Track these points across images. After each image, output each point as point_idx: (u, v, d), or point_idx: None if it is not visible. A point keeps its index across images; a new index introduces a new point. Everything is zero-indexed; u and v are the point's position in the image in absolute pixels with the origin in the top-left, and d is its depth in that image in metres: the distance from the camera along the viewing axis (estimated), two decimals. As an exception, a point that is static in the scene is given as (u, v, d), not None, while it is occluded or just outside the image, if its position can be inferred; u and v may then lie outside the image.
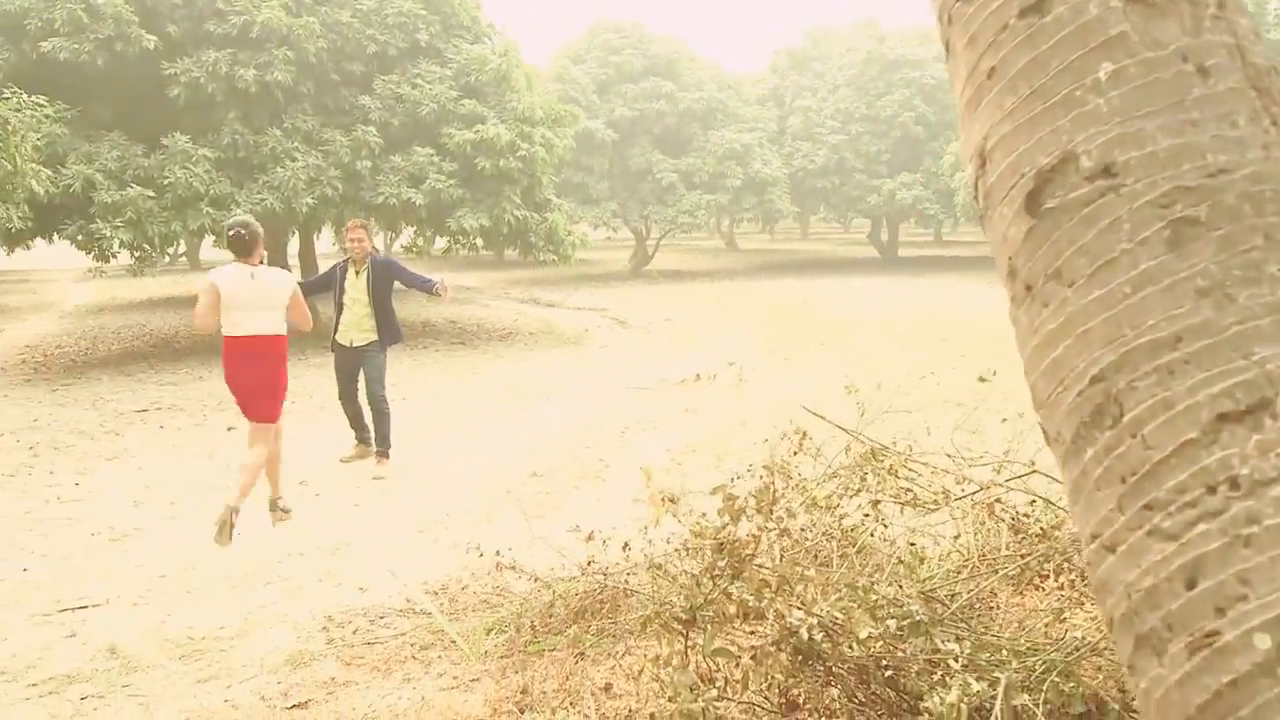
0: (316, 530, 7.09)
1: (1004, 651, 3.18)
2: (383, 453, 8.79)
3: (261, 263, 6.71)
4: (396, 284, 8.81)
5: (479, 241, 16.69)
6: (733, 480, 4.15)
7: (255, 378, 6.61)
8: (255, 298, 6.47)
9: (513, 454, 9.23)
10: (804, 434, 4.54)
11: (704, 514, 3.50)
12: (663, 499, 3.68)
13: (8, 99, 9.58)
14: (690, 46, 30.46)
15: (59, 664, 4.90)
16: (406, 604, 5.60)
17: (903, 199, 28.49)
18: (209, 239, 15.30)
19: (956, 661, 3.00)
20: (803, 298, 22.68)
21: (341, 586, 5.93)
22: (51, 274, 42.61)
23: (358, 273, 8.53)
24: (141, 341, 18.12)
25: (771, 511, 3.46)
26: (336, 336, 8.58)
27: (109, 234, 13.48)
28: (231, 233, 6.48)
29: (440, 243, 18.08)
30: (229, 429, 10.43)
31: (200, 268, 42.86)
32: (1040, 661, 3.05)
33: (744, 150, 27.51)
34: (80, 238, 13.81)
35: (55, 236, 14.24)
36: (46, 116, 10.74)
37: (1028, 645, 3.18)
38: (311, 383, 12.73)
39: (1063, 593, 3.63)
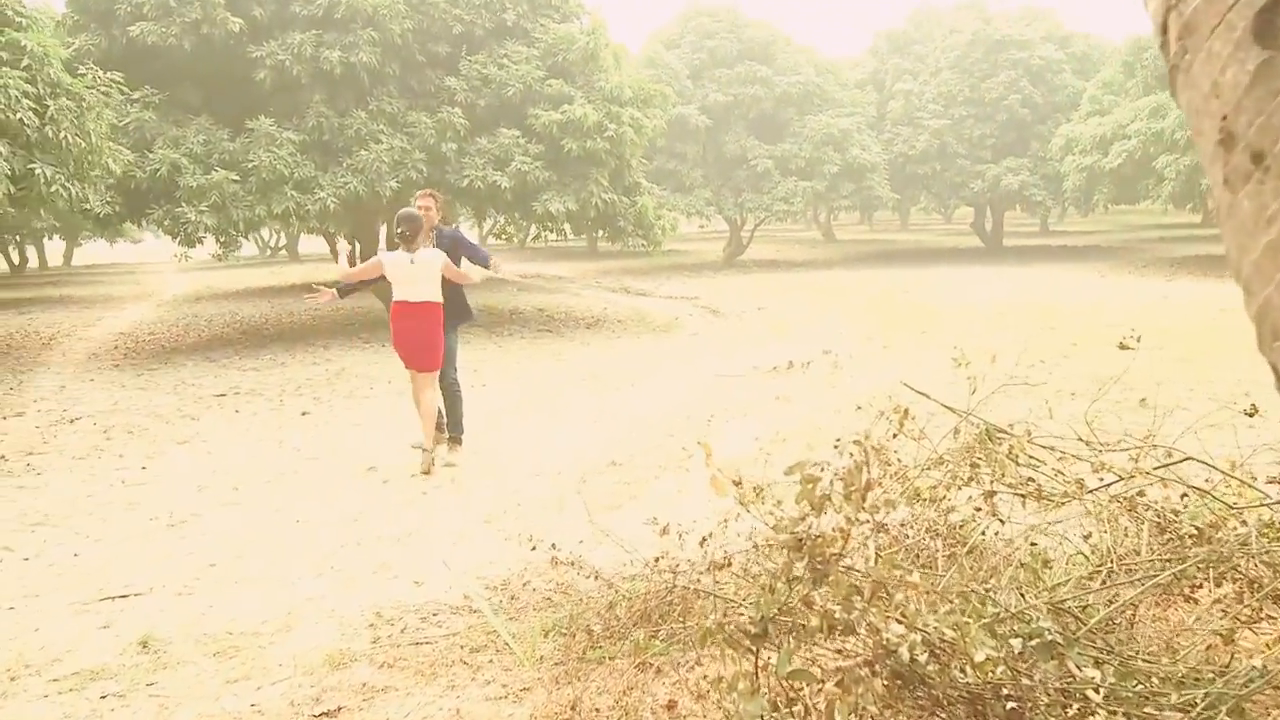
0: (379, 519, 6.68)
1: (1154, 680, 2.56)
2: (455, 438, 8.39)
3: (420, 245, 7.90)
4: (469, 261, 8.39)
5: (566, 227, 16.25)
6: (820, 467, 3.56)
7: (416, 335, 7.91)
8: (413, 275, 7.85)
9: (592, 441, 8.74)
10: (905, 412, 3.93)
11: (780, 501, 2.93)
12: (734, 482, 3.13)
13: (83, 75, 9.39)
14: (785, 31, 29.73)
15: (87, 657, 4.53)
16: (463, 600, 5.14)
17: (1008, 185, 27.33)
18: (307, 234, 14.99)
19: (1097, 692, 2.40)
20: (902, 286, 21.83)
21: (397, 579, 5.49)
22: (157, 266, 43.60)
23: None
24: (231, 329, 18.12)
25: (865, 501, 2.86)
26: None
27: (194, 218, 13.35)
28: (399, 230, 7.85)
29: (533, 230, 17.75)
30: (303, 414, 10.14)
31: (300, 260, 43.40)
32: (1203, 695, 2.42)
33: (841, 135, 26.69)
34: (166, 222, 13.72)
35: (144, 222, 14.15)
36: (123, 94, 10.55)
37: (1186, 673, 2.55)
38: (392, 368, 12.41)
39: (1226, 608, 2.97)
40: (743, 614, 2.58)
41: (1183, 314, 15.64)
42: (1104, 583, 3.25)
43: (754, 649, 2.49)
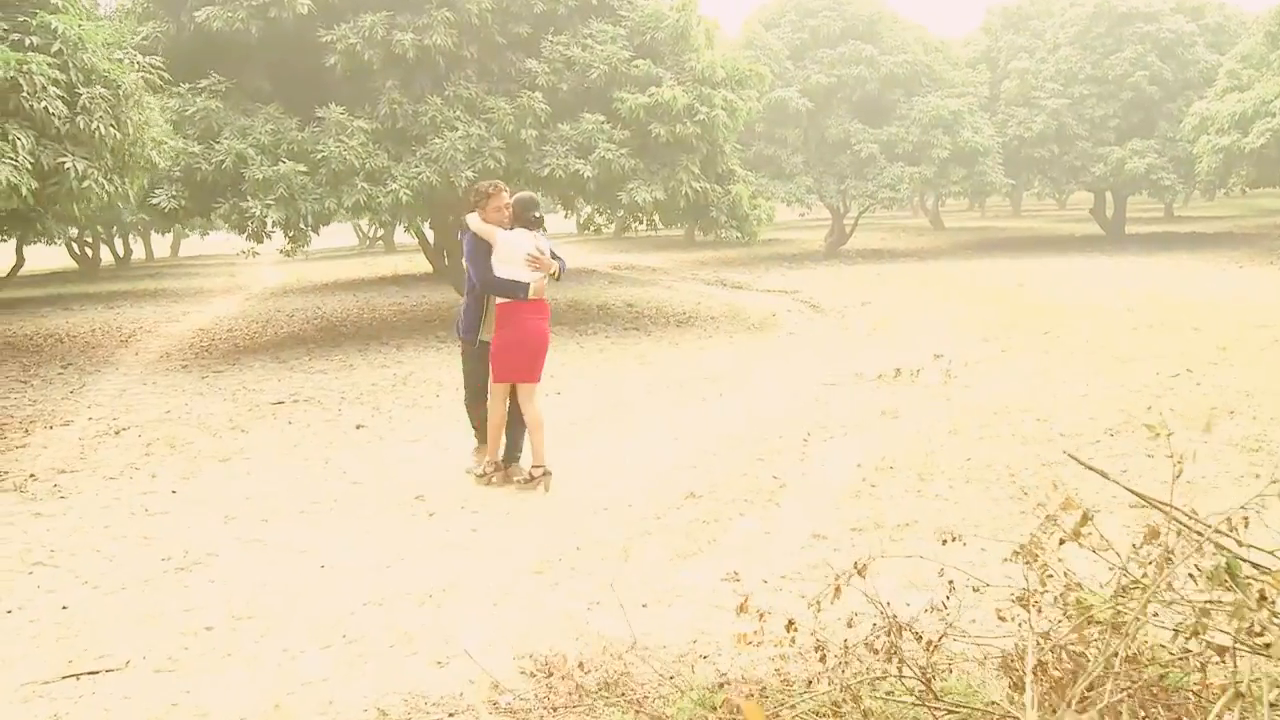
0: (415, 565, 5.74)
1: None
2: (513, 461, 7.44)
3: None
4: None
5: (655, 218, 15.19)
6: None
7: (543, 339, 7.28)
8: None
9: (671, 465, 7.69)
10: (1084, 517, 2.83)
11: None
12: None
13: (120, 61, 8.65)
14: (892, 8, 28.14)
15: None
16: (491, 691, 4.14)
17: (1133, 168, 25.40)
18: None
19: None
20: (1017, 279, 20.28)
21: (416, 656, 4.53)
22: (256, 258, 43.78)
23: None
24: (310, 325, 17.50)
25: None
26: (481, 332, 7.34)
27: (259, 212, 12.64)
28: (534, 214, 7.22)
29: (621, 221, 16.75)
30: (357, 426, 9.29)
31: (395, 250, 43.15)
32: None
33: (952, 118, 25.09)
34: (234, 216, 13.05)
35: (211, 216, 13.51)
36: (164, 81, 9.79)
37: None
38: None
39: None
40: None
41: (1343, 312, 13.96)
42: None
43: None
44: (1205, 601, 2.40)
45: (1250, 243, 26.11)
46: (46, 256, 37.57)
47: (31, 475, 7.97)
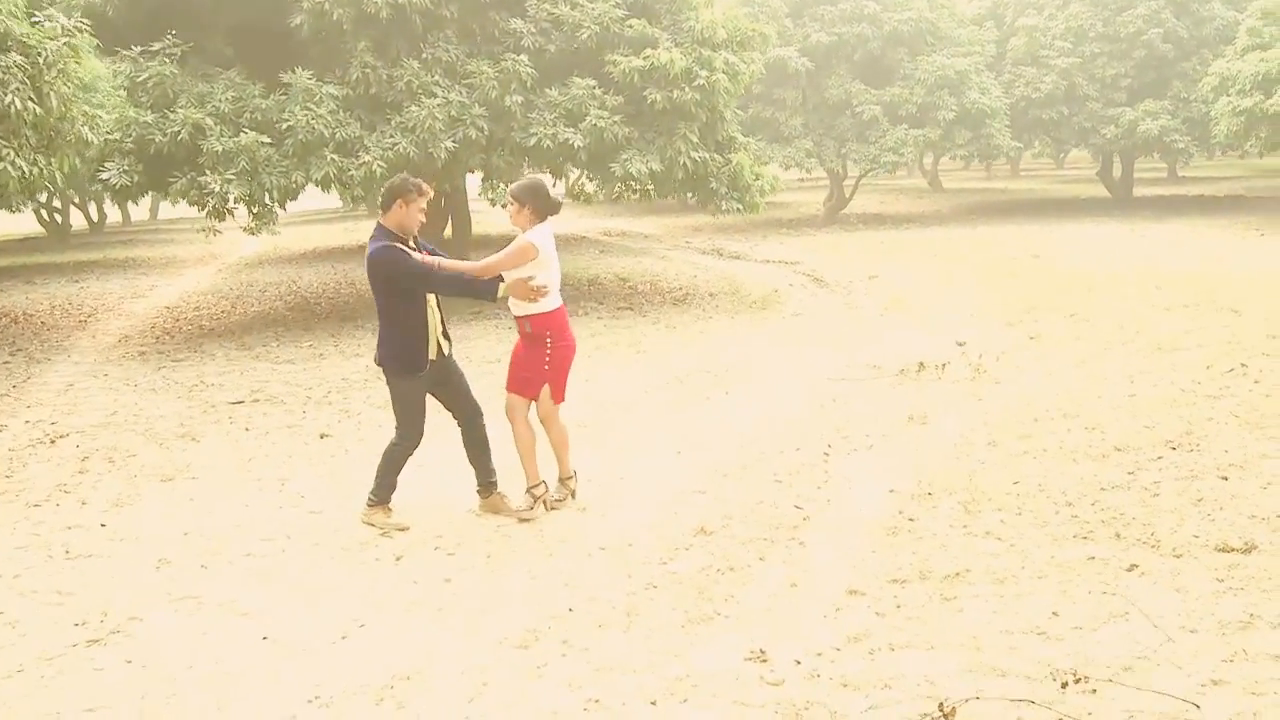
0: (376, 635, 4.78)
1: None
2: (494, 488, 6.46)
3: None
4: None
5: (650, 190, 14.13)
6: None
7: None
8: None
9: (676, 490, 6.72)
10: None
11: None
12: None
13: (38, 24, 7.54)
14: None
15: None
16: None
17: (1146, 131, 24.28)
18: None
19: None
20: (1030, 248, 19.25)
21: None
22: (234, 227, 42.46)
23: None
24: (283, 303, 16.46)
25: None
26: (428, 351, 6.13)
27: (219, 188, 11.56)
28: (557, 202, 6.06)
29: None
30: (321, 436, 8.30)
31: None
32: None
33: (958, 78, 23.91)
34: (191, 192, 11.96)
35: (168, 192, 12.40)
36: (106, 46, 8.70)
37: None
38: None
39: None
40: None
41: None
42: None
43: None
44: None
45: (1265, 208, 25.11)
46: (14, 222, 36.23)
47: (-56, 502, 6.98)
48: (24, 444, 8.43)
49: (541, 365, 6.07)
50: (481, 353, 11.25)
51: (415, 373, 6.04)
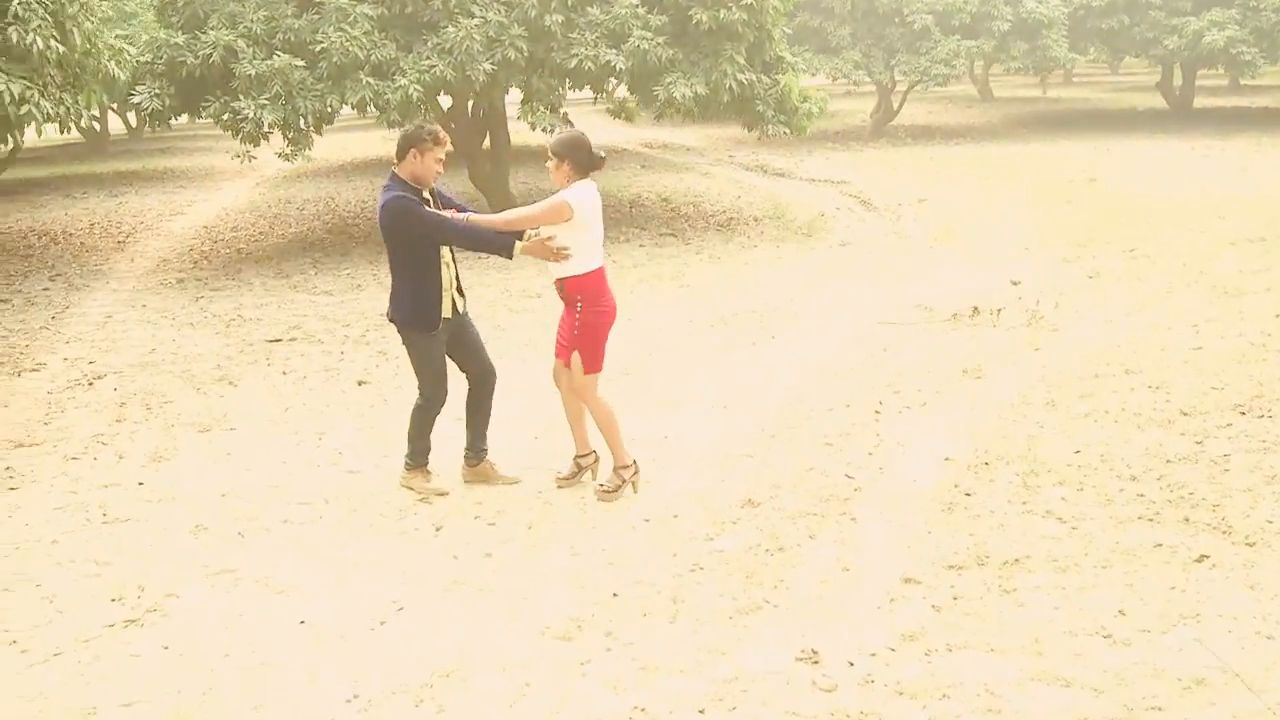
0: (415, 620, 4.66)
1: None
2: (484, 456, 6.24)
3: None
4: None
5: (694, 112, 13.66)
6: None
7: None
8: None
9: (722, 453, 6.52)
10: None
11: None
12: None
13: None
14: None
15: None
16: None
17: (1212, 41, 23.25)
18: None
19: None
20: (1085, 168, 18.61)
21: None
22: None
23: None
24: (320, 223, 16.25)
25: None
26: (443, 311, 5.84)
27: (252, 113, 11.29)
28: (600, 155, 5.70)
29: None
30: (359, 383, 8.15)
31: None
32: None
33: (1014, -16, 23.00)
34: (225, 116, 11.70)
35: (201, 115, 12.15)
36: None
37: None
38: (492, 295, 10.32)
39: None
40: None
41: None
42: None
43: None
44: None
45: (1334, 122, 24.14)
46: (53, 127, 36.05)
47: (-18, 452, 6.92)
48: (62, 386, 8.35)
49: (572, 329, 5.80)
50: (521, 285, 11.03)
51: (428, 330, 5.80)
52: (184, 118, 12.79)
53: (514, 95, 14.51)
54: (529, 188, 18.70)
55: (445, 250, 5.80)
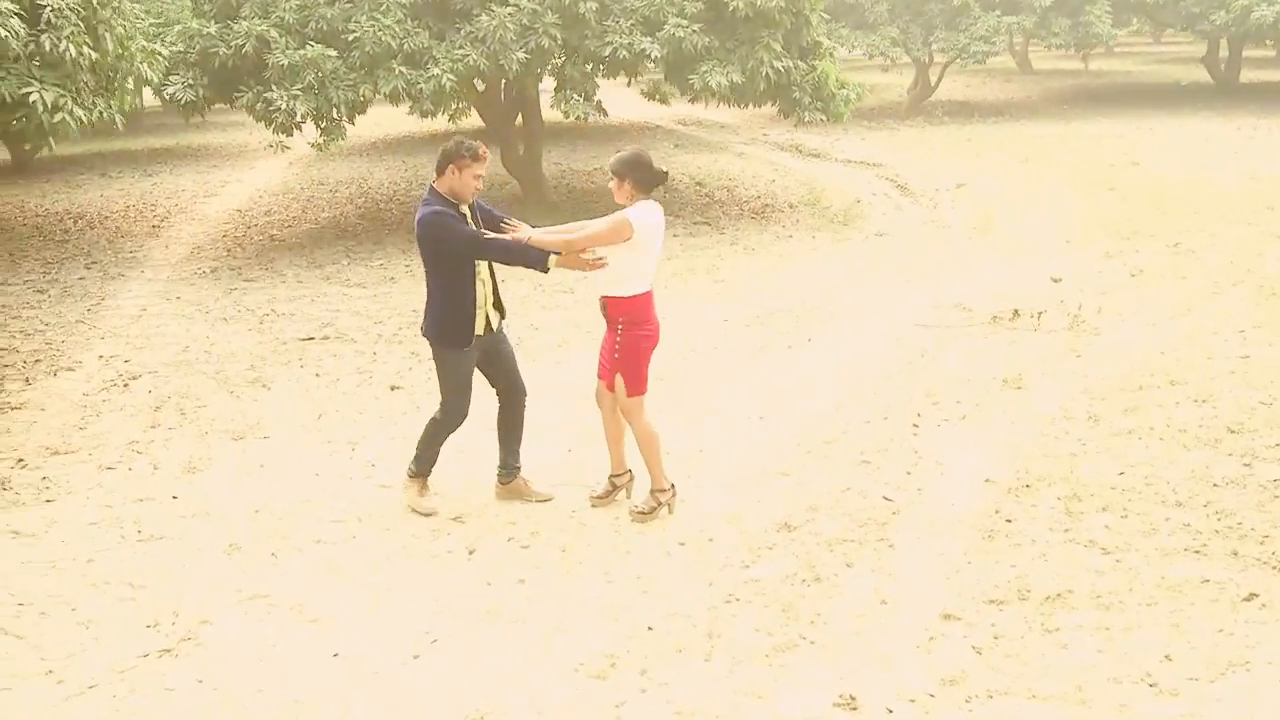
0: (448, 654, 4.63)
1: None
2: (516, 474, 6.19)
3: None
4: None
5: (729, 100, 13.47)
6: None
7: None
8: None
9: (757, 469, 6.45)
10: None
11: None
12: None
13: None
14: None
15: None
16: None
17: (1260, 17, 22.71)
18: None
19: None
20: (1126, 150, 18.27)
21: None
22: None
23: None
24: (353, 206, 16.21)
25: None
26: (477, 328, 5.76)
27: (285, 104, 11.24)
28: (661, 174, 5.57)
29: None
30: (392, 388, 8.12)
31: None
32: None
33: (1056, -42, 22.53)
34: (258, 106, 11.65)
35: (234, 105, 12.12)
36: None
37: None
38: (532, 287, 10.23)
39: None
40: None
41: None
42: None
43: None
44: None
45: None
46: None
47: (20, 460, 6.93)
48: (97, 387, 8.37)
49: (612, 352, 5.71)
50: (554, 279, 10.96)
51: (460, 347, 5.74)
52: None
53: (548, 80, 14.40)
54: (561, 168, 18.63)
55: (483, 266, 5.73)
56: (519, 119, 15.63)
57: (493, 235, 5.66)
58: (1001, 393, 7.51)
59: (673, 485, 5.91)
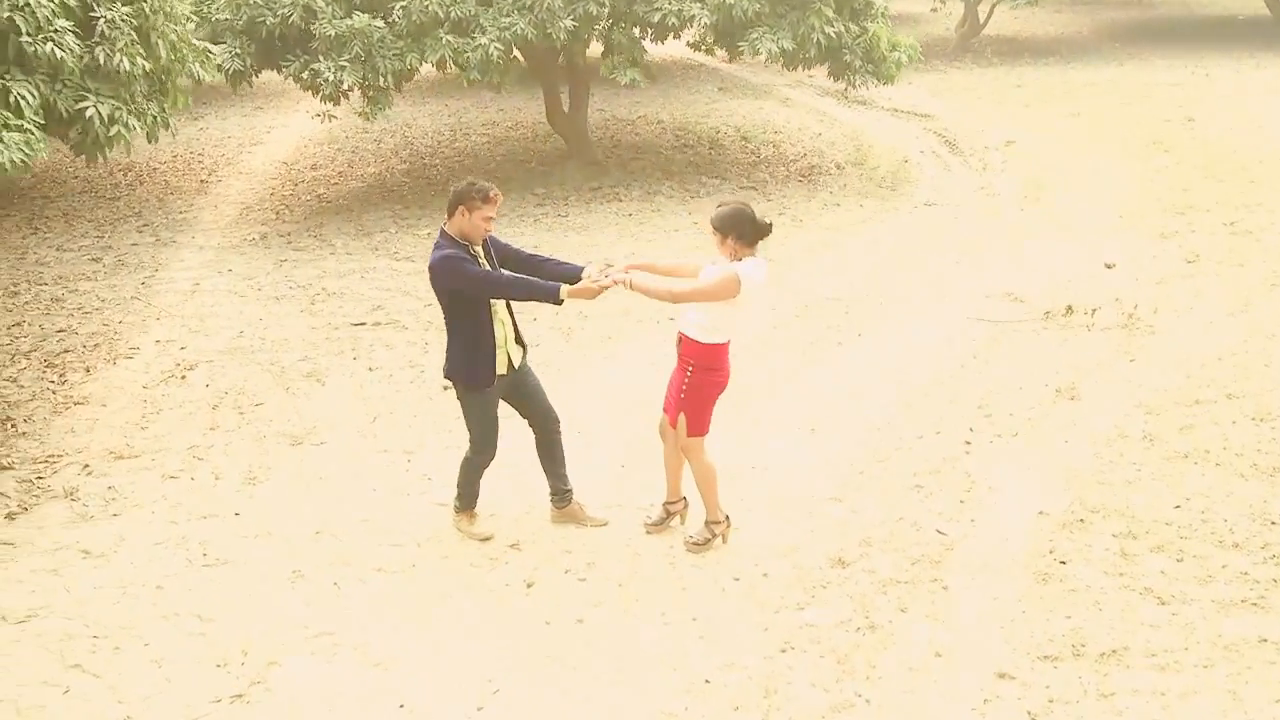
0: (512, 705, 4.75)
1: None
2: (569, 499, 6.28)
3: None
4: None
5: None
6: None
7: None
8: None
9: (808, 493, 6.49)
10: None
11: None
12: None
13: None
14: None
15: None
16: None
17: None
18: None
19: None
20: (1180, 103, 17.76)
21: None
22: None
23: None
24: (397, 159, 16.16)
25: None
26: (498, 367, 5.75)
27: (332, 75, 11.18)
28: (770, 221, 5.50)
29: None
30: (444, 387, 8.16)
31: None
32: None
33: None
34: (304, 76, 11.60)
35: (282, 74, 12.07)
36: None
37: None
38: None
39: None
40: None
41: None
42: None
43: None
44: None
45: None
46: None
47: (86, 466, 7.08)
48: (156, 378, 8.50)
49: (679, 392, 5.72)
50: (600, 256, 10.94)
51: (483, 387, 5.77)
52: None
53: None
54: (605, 114, 18.44)
55: (500, 305, 5.74)
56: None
57: (503, 273, 5.65)
58: (1055, 405, 7.48)
59: (727, 517, 5.96)
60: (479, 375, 5.71)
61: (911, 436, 7.12)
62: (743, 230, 5.40)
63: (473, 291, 5.53)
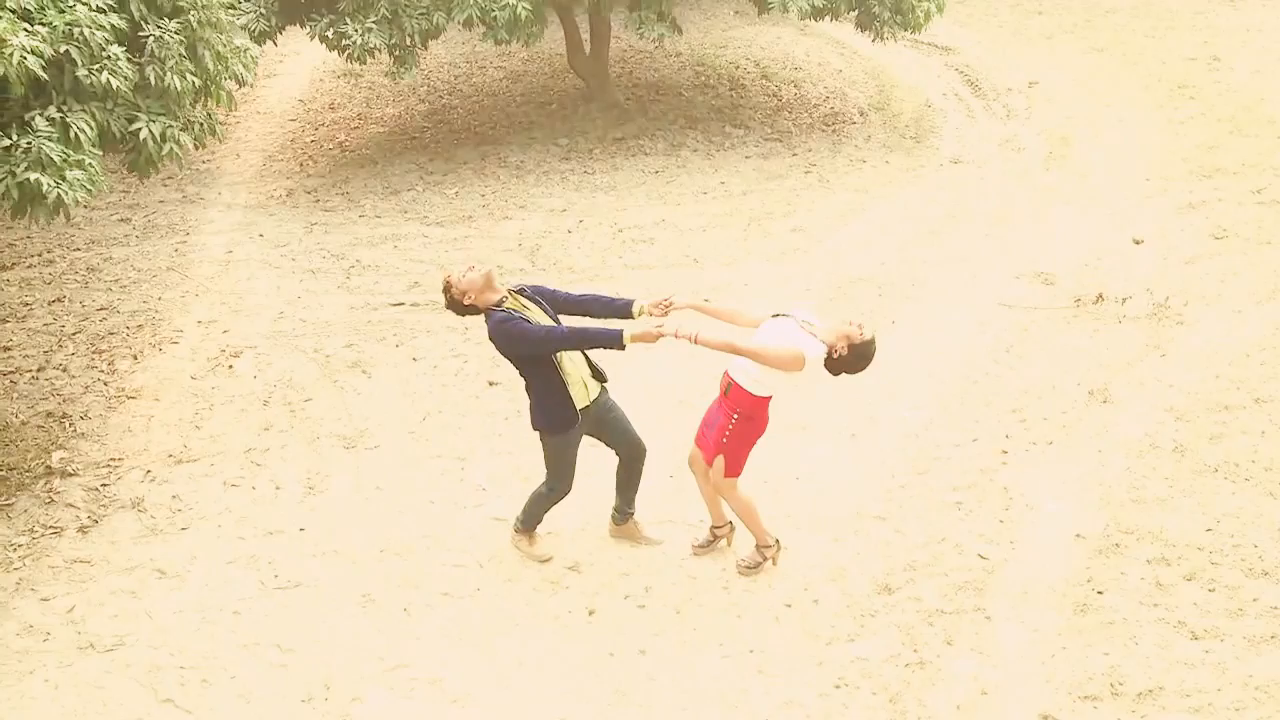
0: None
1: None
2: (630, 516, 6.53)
3: None
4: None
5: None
6: None
7: None
8: None
9: (853, 509, 6.73)
10: None
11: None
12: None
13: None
14: None
15: None
16: None
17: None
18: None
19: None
20: (1206, 39, 17.44)
21: None
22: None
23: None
24: (416, 98, 15.97)
25: None
26: (576, 404, 5.89)
27: (359, 38, 11.10)
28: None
29: None
30: (490, 383, 8.34)
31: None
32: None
33: None
34: (329, 34, 11.51)
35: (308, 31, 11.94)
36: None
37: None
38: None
39: None
40: None
41: None
42: None
43: None
44: None
45: None
46: None
47: (148, 472, 7.31)
48: (204, 367, 8.66)
49: (720, 436, 5.88)
50: (633, 220, 11.02)
51: (565, 431, 5.94)
52: None
53: None
54: (623, 45, 18.15)
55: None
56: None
57: (563, 326, 5.76)
58: (1088, 408, 7.68)
59: (777, 540, 6.20)
60: (561, 419, 5.89)
61: (949, 445, 7.34)
62: (857, 367, 5.72)
63: (535, 351, 5.68)
